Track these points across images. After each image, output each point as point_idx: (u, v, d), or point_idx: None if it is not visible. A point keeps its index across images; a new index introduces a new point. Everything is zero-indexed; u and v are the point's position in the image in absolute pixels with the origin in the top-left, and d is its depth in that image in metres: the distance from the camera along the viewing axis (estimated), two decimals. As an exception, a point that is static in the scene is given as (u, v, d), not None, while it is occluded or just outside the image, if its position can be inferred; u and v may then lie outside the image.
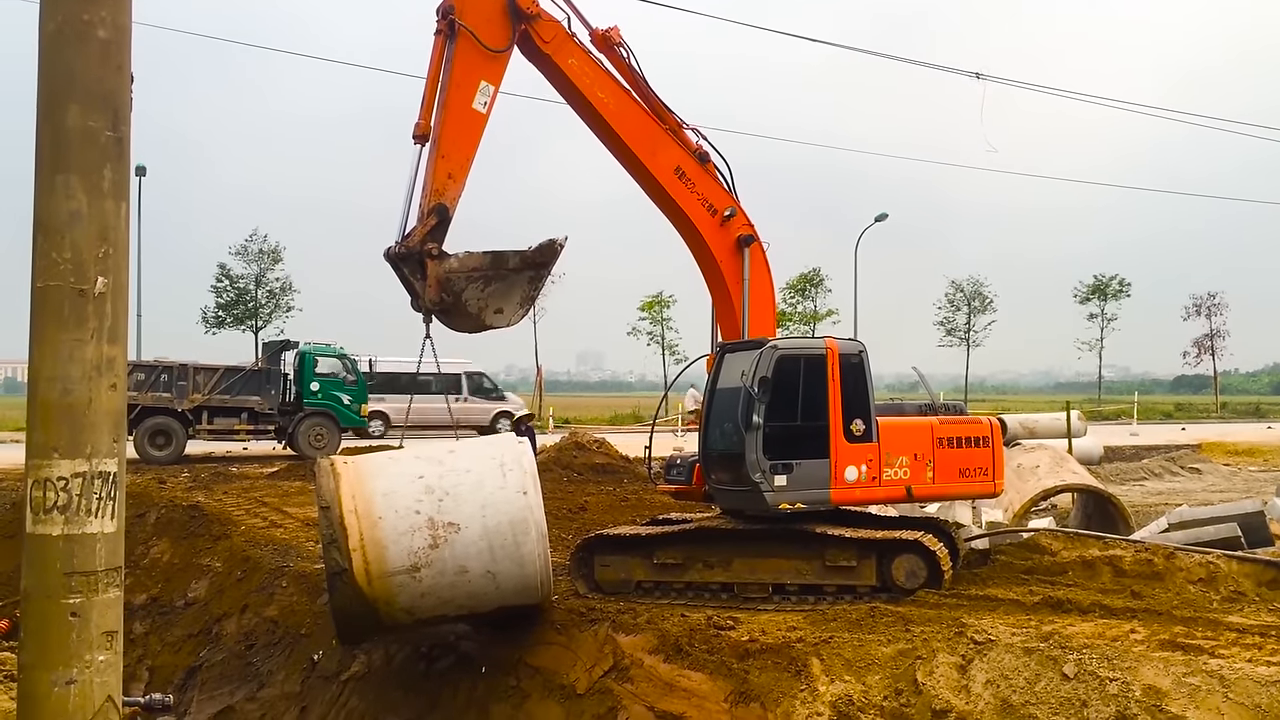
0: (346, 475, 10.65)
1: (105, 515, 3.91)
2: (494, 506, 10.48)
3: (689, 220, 13.30)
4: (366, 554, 10.29)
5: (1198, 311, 76.05)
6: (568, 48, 12.73)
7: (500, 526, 10.43)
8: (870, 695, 9.28)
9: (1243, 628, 10.08)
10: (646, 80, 13.29)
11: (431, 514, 10.38)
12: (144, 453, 26.96)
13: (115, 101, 4.07)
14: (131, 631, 15.04)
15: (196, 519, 17.48)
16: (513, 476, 10.64)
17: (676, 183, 13.16)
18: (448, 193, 11.99)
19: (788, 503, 11.93)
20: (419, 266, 11.96)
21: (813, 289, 65.03)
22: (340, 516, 10.28)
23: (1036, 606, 11.16)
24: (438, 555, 10.35)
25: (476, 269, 12.16)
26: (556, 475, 23.77)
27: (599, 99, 12.82)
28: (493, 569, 10.48)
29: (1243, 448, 36.85)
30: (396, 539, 10.31)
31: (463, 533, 10.36)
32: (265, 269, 53.47)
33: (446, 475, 10.69)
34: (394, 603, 10.46)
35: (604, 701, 10.44)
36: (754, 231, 13.52)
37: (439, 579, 10.43)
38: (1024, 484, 17.61)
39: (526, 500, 10.53)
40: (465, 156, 12.17)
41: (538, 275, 12.58)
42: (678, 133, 13.39)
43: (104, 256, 3.97)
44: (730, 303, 13.47)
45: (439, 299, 12.03)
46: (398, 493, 10.55)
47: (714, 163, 13.55)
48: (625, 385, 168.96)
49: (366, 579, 10.27)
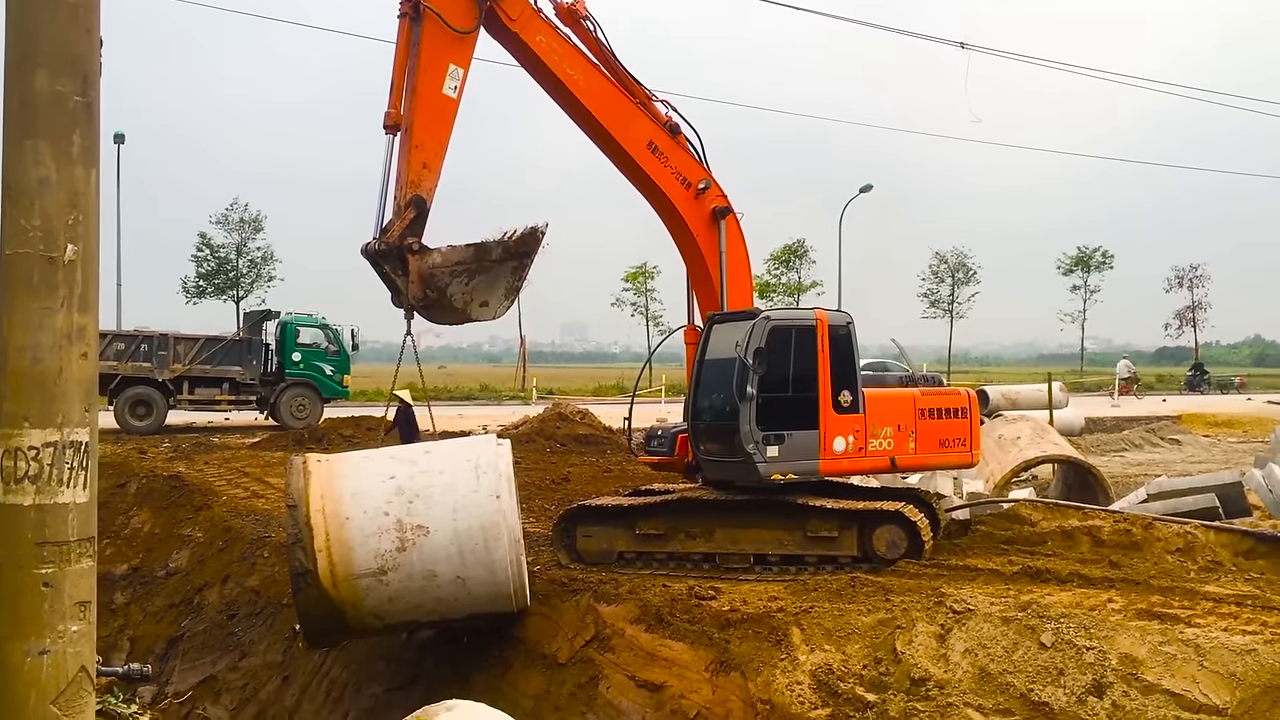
0: (318, 474, 10.38)
1: (77, 485, 3.87)
2: (465, 510, 10.15)
3: (663, 194, 13.13)
4: (332, 555, 10.02)
5: (1180, 284, 76.63)
6: (535, 24, 12.45)
7: (471, 530, 10.10)
8: (850, 664, 9.34)
9: (1219, 597, 10.18)
10: (614, 53, 13.05)
11: (400, 516, 10.07)
12: (124, 423, 26.87)
13: (84, 66, 4.00)
14: (113, 601, 15.03)
15: (178, 489, 17.45)
16: (486, 480, 10.28)
17: (649, 157, 12.96)
18: (424, 184, 11.68)
19: (779, 473, 11.97)
20: (399, 262, 11.66)
21: (797, 260, 65.09)
22: (307, 516, 10.02)
23: (1015, 576, 11.23)
24: (405, 558, 10.05)
25: (460, 263, 11.88)
26: (539, 446, 23.80)
27: (568, 75, 12.54)
28: (463, 574, 10.16)
29: (1222, 419, 37.17)
30: (364, 540, 10.02)
31: (432, 536, 10.06)
32: (246, 238, 53.14)
33: (419, 476, 10.38)
34: (361, 606, 10.17)
35: (585, 671, 10.47)
36: (728, 203, 13.38)
37: (407, 583, 10.12)
38: (1005, 455, 17.72)
39: (499, 504, 10.15)
40: (439, 144, 11.85)
41: (521, 265, 12.30)
42: (648, 105, 13.19)
43: (74, 224, 3.91)
44: (707, 275, 13.37)
45: (422, 295, 11.76)
46: (367, 493, 10.25)
47: (685, 134, 13.37)
48: (610, 356, 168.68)
49: (332, 581, 9.99)
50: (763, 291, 61.80)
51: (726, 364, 12.15)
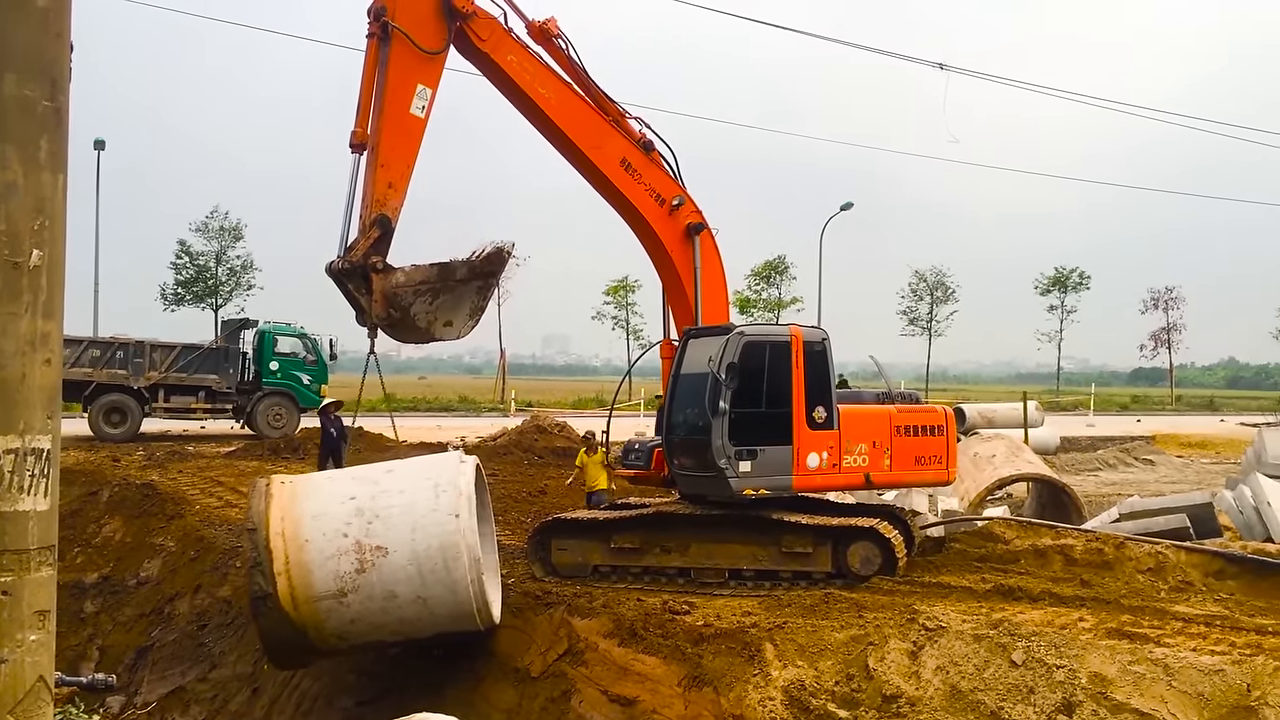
0: (279, 496, 10.29)
1: (38, 493, 3.82)
2: (424, 530, 9.99)
3: (637, 211, 13.05)
4: (292, 578, 9.92)
5: (1155, 305, 77.17)
6: (506, 44, 12.32)
7: (430, 551, 9.93)
8: (822, 680, 9.34)
9: (1189, 617, 10.23)
10: (586, 71, 12.93)
11: (360, 537, 9.96)
12: (99, 430, 26.67)
13: (54, 71, 3.96)
14: (82, 610, 14.89)
15: (150, 498, 17.32)
16: (445, 499, 10.11)
17: (623, 174, 12.88)
18: (389, 203, 11.54)
19: (752, 489, 11.97)
20: (363, 281, 11.52)
21: (777, 276, 65.25)
22: (266, 539, 9.94)
23: (988, 594, 11.26)
24: (365, 579, 9.91)
25: (424, 282, 11.74)
26: (517, 458, 23.76)
27: (540, 95, 12.43)
28: (423, 594, 10.00)
29: (1196, 440, 37.43)
30: (323, 563, 9.92)
31: (391, 556, 9.92)
32: (226, 246, 52.84)
33: (379, 496, 10.27)
34: (324, 628, 10.06)
35: (558, 685, 10.43)
36: (703, 219, 13.31)
37: (368, 604, 10.00)
38: (980, 473, 17.77)
39: (458, 524, 9.95)
40: (405, 164, 11.73)
41: (486, 285, 12.21)
42: (621, 123, 13.09)
43: (40, 229, 3.87)
44: (682, 291, 13.30)
45: (386, 314, 11.62)
46: (327, 514, 10.15)
47: (659, 151, 13.26)
48: (591, 369, 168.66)
49: (293, 603, 9.89)
50: (743, 307, 61.92)
51: (700, 378, 12.15)
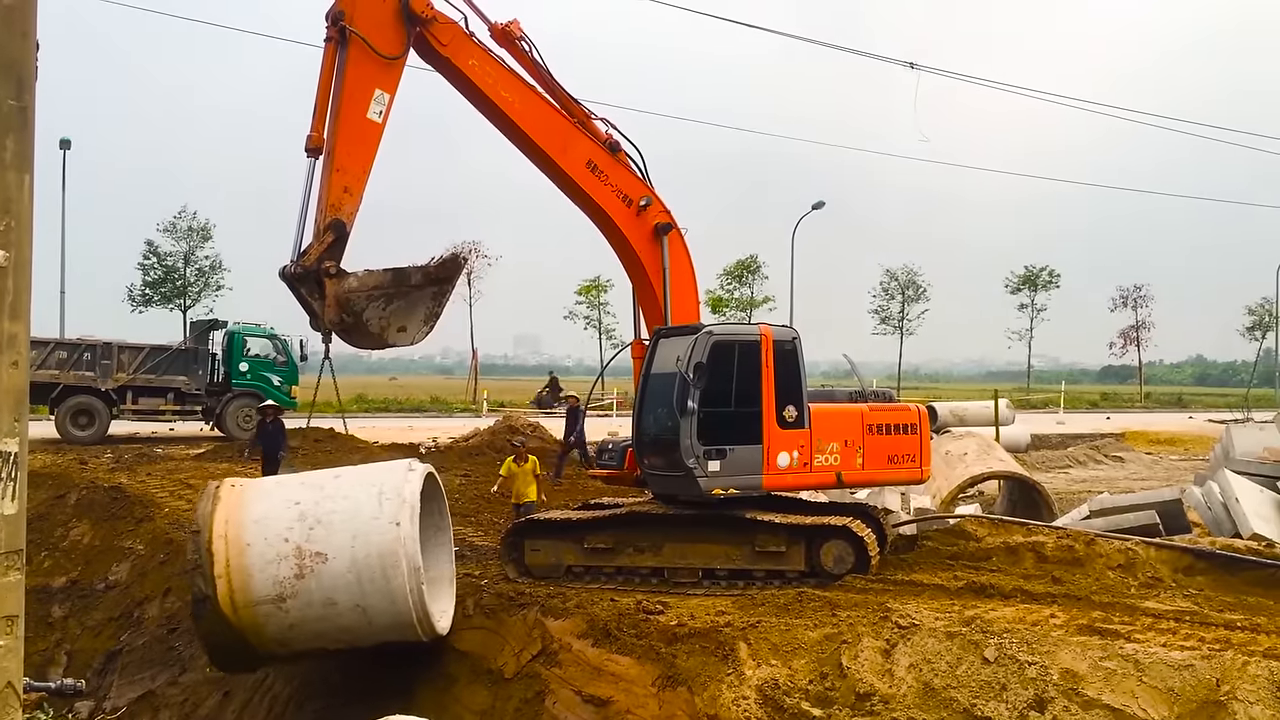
0: (226, 500, 10.24)
1: (5, 496, 3.78)
2: (364, 537, 9.87)
3: (604, 213, 13.01)
4: (231, 581, 9.86)
5: (1124, 303, 77.77)
6: (467, 48, 12.20)
7: (369, 559, 9.82)
8: (796, 679, 9.36)
9: (1158, 613, 10.33)
10: (551, 73, 12.87)
11: (300, 542, 9.89)
12: (66, 432, 26.38)
13: (19, 70, 3.91)
14: (50, 615, 14.73)
15: (119, 501, 17.15)
16: (389, 506, 9.99)
17: (589, 176, 12.81)
18: (344, 207, 11.43)
19: (721, 488, 11.98)
20: (316, 286, 11.41)
21: (750, 275, 65.37)
22: (209, 541, 9.89)
23: (960, 591, 11.32)
24: (304, 586, 9.84)
25: (377, 287, 11.64)
26: (490, 459, 23.64)
27: (504, 99, 12.32)
28: (362, 603, 9.89)
29: (1164, 437, 37.84)
30: (263, 567, 9.86)
31: (330, 563, 9.82)
32: (194, 246, 52.35)
33: (323, 502, 10.20)
34: (263, 633, 10.00)
35: (532, 686, 10.40)
36: (671, 219, 13.29)
37: (306, 610, 9.92)
38: (951, 471, 17.87)
39: (398, 532, 9.81)
40: (362, 169, 11.60)
41: (441, 291, 12.09)
42: (586, 124, 13.02)
43: (6, 230, 3.82)
44: (652, 291, 13.29)
45: (339, 319, 11.52)
46: (270, 519, 10.10)
47: (625, 151, 13.20)
48: (563, 369, 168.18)
49: (232, 607, 9.84)
50: (715, 306, 62.00)
51: (669, 378, 12.16)
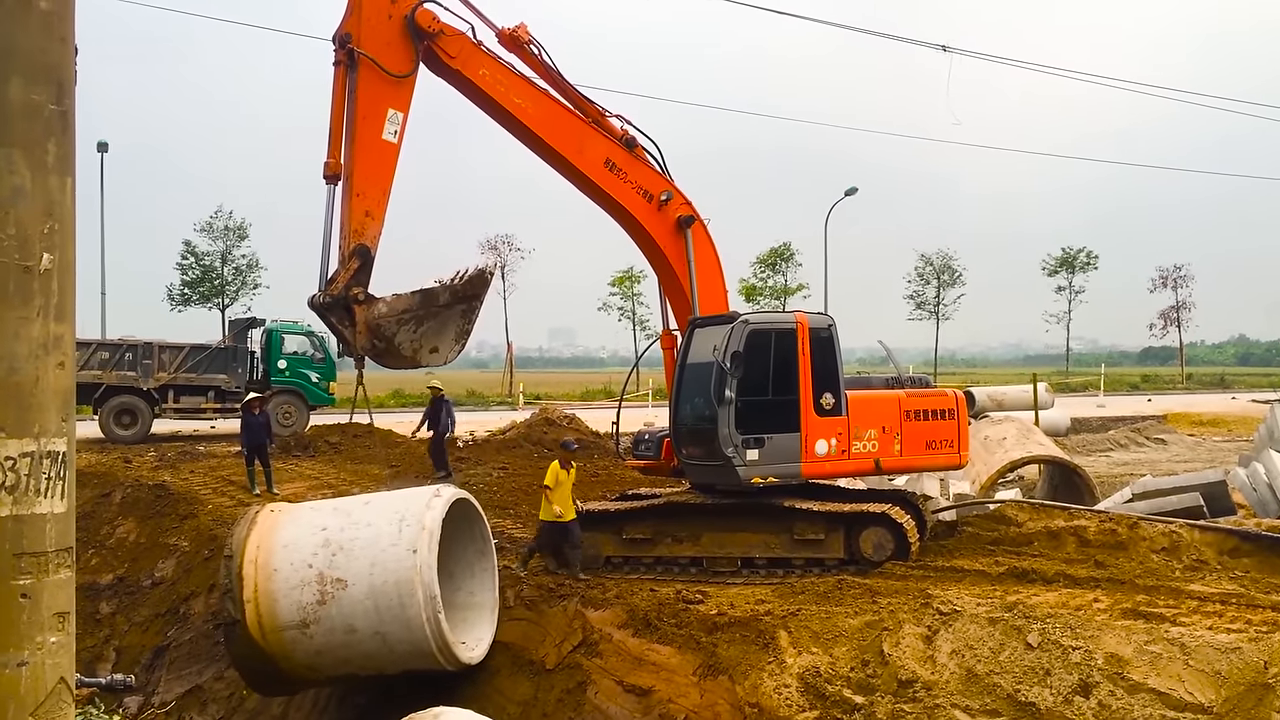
0: (260, 525, 10.31)
1: (55, 495, 3.83)
2: (382, 565, 9.82)
3: (626, 211, 12.91)
4: (259, 606, 9.93)
5: (1164, 284, 76.78)
6: (476, 59, 12.09)
7: (386, 586, 9.75)
8: (837, 667, 9.34)
9: (1204, 596, 10.22)
10: (561, 74, 12.73)
11: (322, 568, 9.92)
12: (109, 432, 26.71)
13: (59, 74, 3.96)
14: (98, 611, 14.95)
15: (163, 498, 17.36)
16: (407, 533, 9.90)
17: (608, 175, 12.71)
18: (367, 232, 11.40)
19: (760, 477, 11.98)
20: (346, 313, 11.40)
21: (783, 263, 65.10)
22: (239, 567, 9.97)
23: (1002, 577, 11.26)
24: (325, 612, 9.86)
25: (406, 310, 11.60)
26: (526, 451, 23.75)
27: (516, 105, 12.22)
28: (381, 630, 9.83)
29: (1207, 418, 37.33)
30: (287, 593, 9.91)
31: (349, 590, 9.82)
32: (231, 245, 52.88)
33: (348, 528, 10.20)
34: (292, 658, 10.04)
35: (573, 676, 10.45)
36: (693, 210, 13.17)
37: (330, 637, 9.93)
38: (991, 456, 17.75)
39: (415, 560, 9.71)
40: (381, 191, 11.56)
41: (470, 308, 12.01)
42: (601, 122, 12.90)
43: (49, 233, 3.87)
44: (678, 284, 13.21)
45: (370, 345, 11.50)
46: (297, 545, 10.13)
47: (642, 146, 13.08)
48: (598, 361, 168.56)
49: (260, 632, 9.91)
50: (749, 295, 61.83)
51: (706, 368, 12.15)
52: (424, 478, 20.34)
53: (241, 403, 20.17)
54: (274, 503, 11.24)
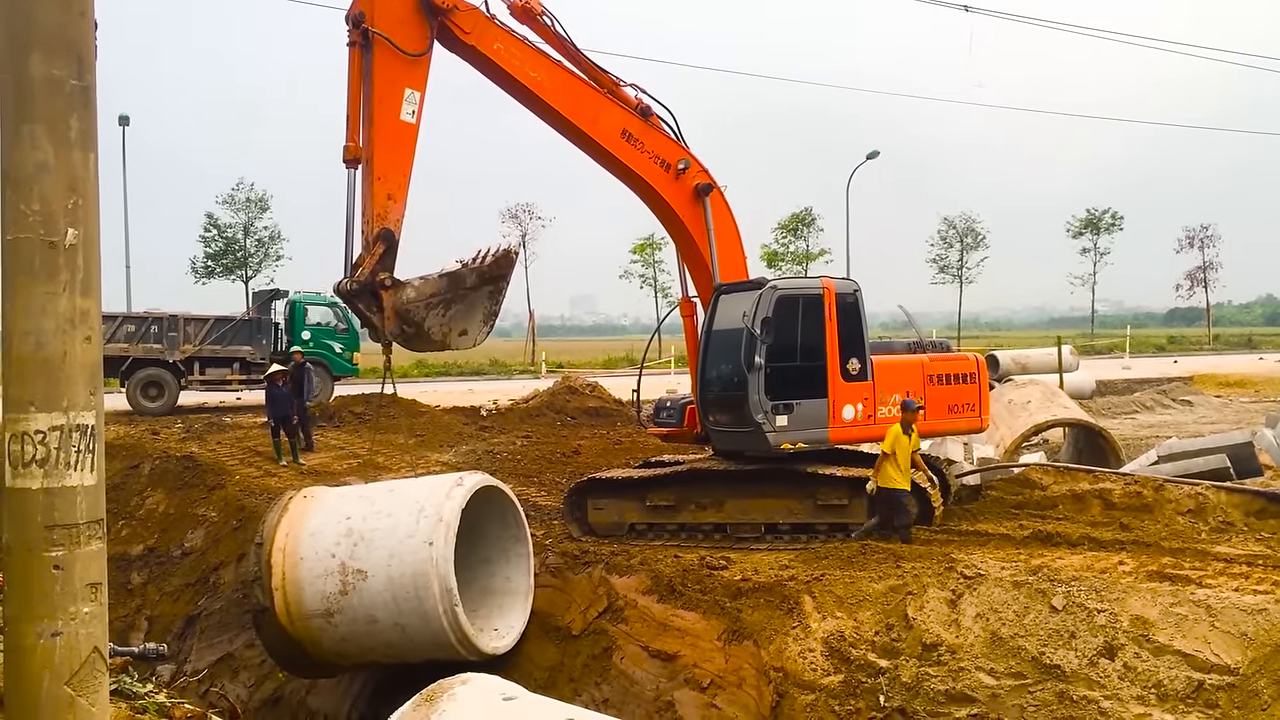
0: (291, 512, 10.32)
1: (85, 468, 3.89)
2: (399, 556, 9.73)
3: (644, 180, 12.81)
4: (287, 594, 9.97)
5: (1191, 244, 76.04)
6: (491, 33, 11.92)
7: (403, 578, 9.67)
8: (862, 631, 9.38)
9: (1230, 557, 10.18)
10: (575, 44, 12.59)
11: (345, 559, 9.89)
12: (137, 404, 26.95)
13: (79, 49, 3.98)
14: (130, 582, 15.15)
15: (191, 469, 17.53)
16: (424, 525, 9.79)
17: (624, 145, 12.61)
18: (390, 215, 11.27)
19: (789, 443, 11.99)
20: (373, 299, 11.27)
21: (805, 228, 64.81)
22: (268, 554, 10.02)
23: (1026, 540, 11.25)
24: (348, 602, 9.84)
25: (434, 294, 11.46)
26: (550, 419, 23.86)
27: (532, 79, 12.09)
28: (400, 621, 9.76)
29: (1234, 379, 37.00)
30: (312, 581, 9.92)
31: (369, 581, 9.79)
32: (253, 217, 53.06)
33: (370, 518, 10.14)
34: (320, 645, 10.08)
35: (599, 642, 10.53)
36: (710, 178, 13.07)
37: (353, 626, 9.92)
38: (1015, 419, 17.67)
39: (431, 552, 9.60)
40: (402, 174, 11.41)
41: (497, 289, 11.85)
42: (616, 92, 12.76)
43: (73, 208, 3.90)
44: (697, 251, 13.13)
45: (399, 330, 11.39)
46: (323, 533, 10.12)
47: (657, 115, 12.94)
48: (619, 328, 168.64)
49: (289, 619, 9.96)
50: (770, 260, 61.61)
51: (734, 334, 12.14)
52: (447, 446, 20.48)
53: (265, 374, 20.29)
54: (307, 487, 11.25)
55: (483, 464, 18.53)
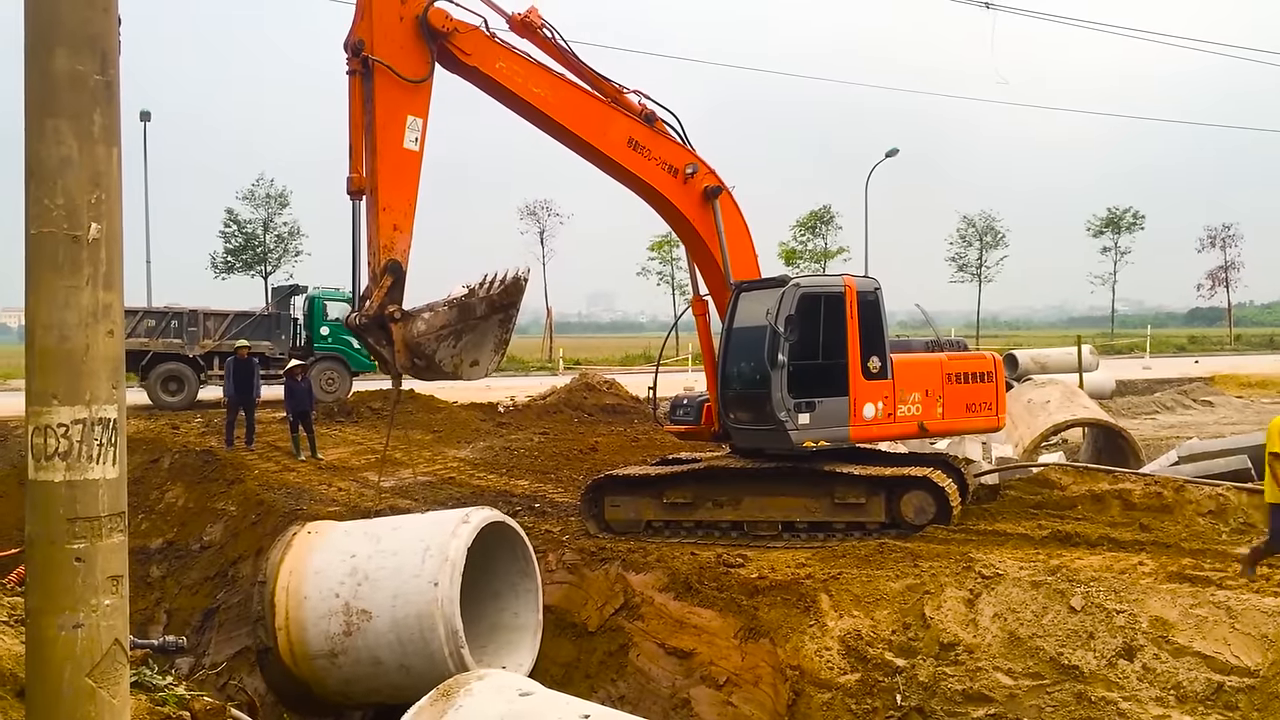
0: (295, 548, 10.19)
1: (107, 461, 3.90)
2: (404, 597, 9.54)
3: (653, 188, 12.65)
4: (290, 634, 9.82)
5: (1212, 243, 75.58)
6: (493, 53, 11.70)
7: (408, 619, 9.48)
8: (879, 630, 9.36)
9: (1251, 559, 10.10)
10: (576, 55, 12.46)
11: (349, 599, 9.71)
12: (157, 399, 27.11)
13: (103, 44, 3.99)
14: (149, 575, 15.25)
15: (210, 464, 17.64)
16: (430, 564, 9.58)
17: (632, 155, 12.43)
18: (397, 246, 11.06)
19: (811, 441, 11.99)
20: (383, 333, 11.08)
21: (823, 226, 64.65)
22: (272, 593, 9.90)
23: (1045, 540, 11.20)
24: (352, 643, 9.66)
25: (445, 326, 11.24)
26: (567, 416, 23.89)
27: (536, 95, 11.89)
28: (405, 663, 9.55)
29: (1256, 379, 36.70)
30: (316, 622, 9.75)
31: (374, 622, 9.61)
32: (273, 213, 53.32)
33: (375, 556, 9.95)
34: (325, 686, 9.89)
35: (615, 639, 10.56)
36: (719, 180, 12.92)
37: (357, 668, 9.74)
38: (1034, 419, 17.59)
39: (436, 593, 9.39)
40: (407, 203, 11.20)
41: (507, 317, 11.65)
42: (619, 100, 12.61)
43: (97, 202, 3.92)
44: (708, 253, 13.02)
45: (410, 364, 11.21)
46: (327, 572, 9.95)
47: (662, 120, 12.80)
48: (637, 326, 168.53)
49: (292, 660, 9.82)
50: (789, 258, 61.50)
51: (756, 332, 12.13)
52: (464, 442, 20.53)
53: (284, 369, 20.38)
54: (312, 522, 11.16)
55: (500, 460, 18.57)
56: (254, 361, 20.70)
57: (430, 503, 15.00)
